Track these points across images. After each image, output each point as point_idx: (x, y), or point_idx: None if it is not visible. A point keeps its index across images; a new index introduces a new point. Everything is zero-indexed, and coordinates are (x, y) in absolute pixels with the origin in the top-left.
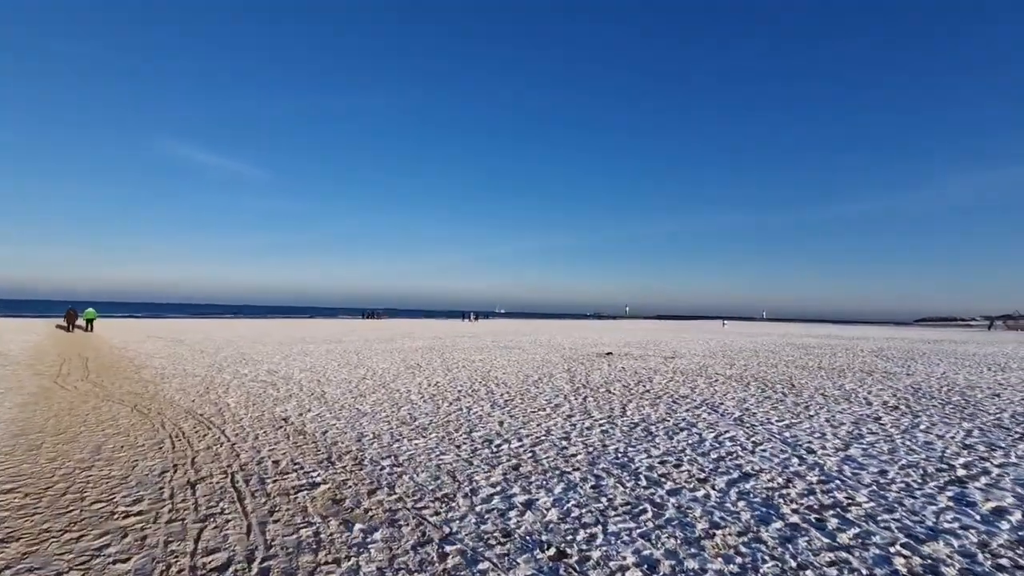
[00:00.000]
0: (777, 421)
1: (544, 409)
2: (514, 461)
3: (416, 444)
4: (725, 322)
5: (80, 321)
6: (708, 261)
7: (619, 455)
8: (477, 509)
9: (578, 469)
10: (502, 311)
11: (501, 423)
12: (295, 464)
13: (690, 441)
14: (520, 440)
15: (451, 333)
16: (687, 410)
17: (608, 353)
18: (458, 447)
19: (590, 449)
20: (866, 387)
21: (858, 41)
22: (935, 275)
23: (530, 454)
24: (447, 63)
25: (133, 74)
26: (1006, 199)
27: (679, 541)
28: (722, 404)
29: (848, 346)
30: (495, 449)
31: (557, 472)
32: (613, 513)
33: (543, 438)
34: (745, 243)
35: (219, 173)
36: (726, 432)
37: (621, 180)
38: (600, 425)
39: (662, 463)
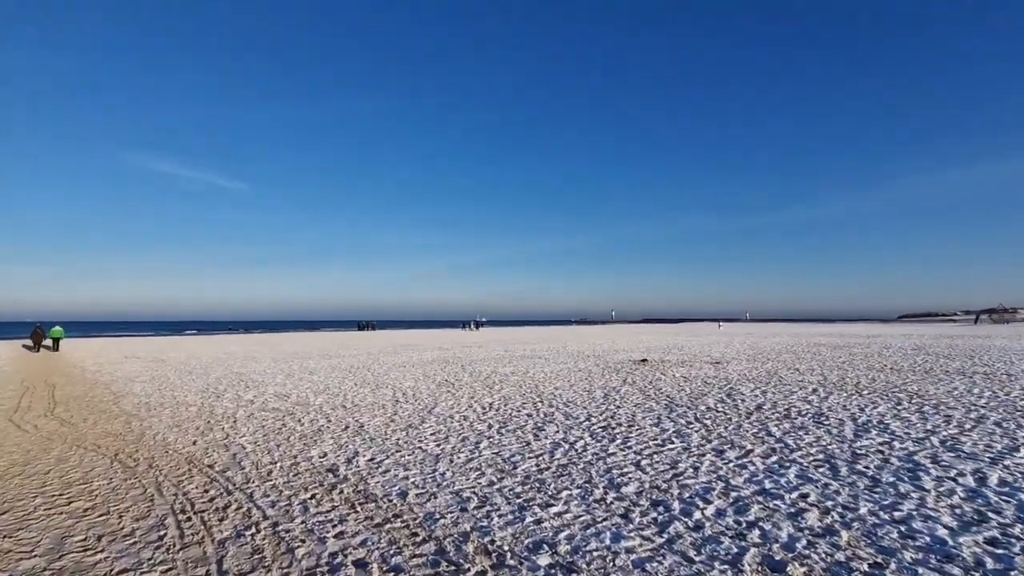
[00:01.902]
0: (1013, 452)
1: (670, 440)
2: (754, 550)
3: (559, 516)
4: (721, 324)
5: (47, 341)
6: (689, 264)
7: (899, 528)
8: None
9: (884, 567)
10: (484, 320)
11: (638, 466)
12: (394, 569)
13: (961, 494)
14: (705, 499)
15: (455, 343)
16: (855, 435)
17: (643, 360)
18: (625, 518)
19: (835, 515)
20: (1006, 393)
21: (841, 41)
22: (909, 272)
23: (758, 531)
24: (425, 67)
25: (96, 83)
26: (975, 198)
27: None
28: (887, 425)
29: (882, 344)
30: (689, 522)
31: None
32: None
33: (738, 495)
34: (725, 245)
35: (190, 186)
36: (984, 476)
37: (599, 185)
38: (779, 464)
39: (993, 544)
